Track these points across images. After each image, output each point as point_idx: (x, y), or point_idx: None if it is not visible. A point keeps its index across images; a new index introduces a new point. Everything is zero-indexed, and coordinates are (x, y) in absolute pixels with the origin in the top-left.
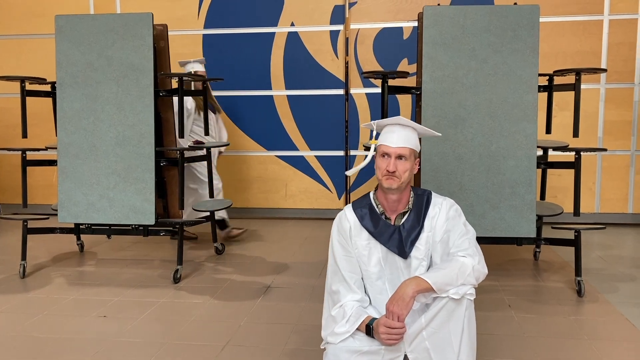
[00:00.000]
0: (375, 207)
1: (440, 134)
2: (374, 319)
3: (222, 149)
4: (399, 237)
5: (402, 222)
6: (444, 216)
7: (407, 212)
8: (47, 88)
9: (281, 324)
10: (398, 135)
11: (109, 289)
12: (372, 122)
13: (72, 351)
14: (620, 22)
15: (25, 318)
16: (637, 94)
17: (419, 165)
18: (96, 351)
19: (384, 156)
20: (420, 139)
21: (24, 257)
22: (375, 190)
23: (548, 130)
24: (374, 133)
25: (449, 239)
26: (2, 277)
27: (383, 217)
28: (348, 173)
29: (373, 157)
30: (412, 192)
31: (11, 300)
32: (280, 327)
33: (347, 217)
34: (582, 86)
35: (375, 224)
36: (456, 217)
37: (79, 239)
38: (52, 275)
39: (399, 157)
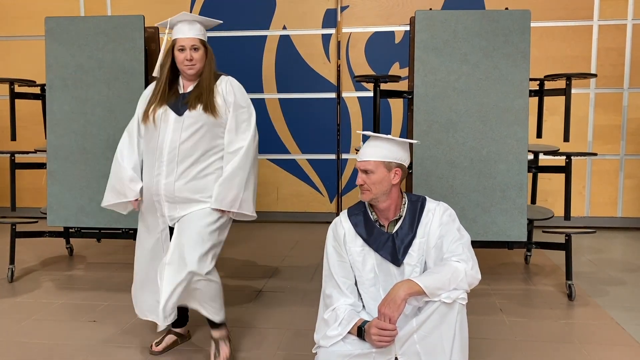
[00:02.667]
0: (370, 214)
1: (418, 141)
2: (366, 321)
3: None
4: (392, 245)
5: (395, 229)
6: (437, 222)
7: (399, 219)
8: (37, 90)
9: (273, 328)
10: (364, 150)
11: (99, 293)
12: (366, 132)
13: (61, 357)
14: (609, 28)
15: (13, 323)
16: (626, 98)
17: (401, 173)
18: (85, 357)
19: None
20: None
21: (12, 261)
22: None
23: (539, 135)
24: (360, 144)
25: (443, 244)
26: None
27: (377, 224)
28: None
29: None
30: (405, 199)
31: None
32: (272, 331)
33: (342, 223)
34: (572, 91)
35: (370, 231)
36: (450, 223)
37: (68, 242)
38: (41, 280)
39: (365, 171)
